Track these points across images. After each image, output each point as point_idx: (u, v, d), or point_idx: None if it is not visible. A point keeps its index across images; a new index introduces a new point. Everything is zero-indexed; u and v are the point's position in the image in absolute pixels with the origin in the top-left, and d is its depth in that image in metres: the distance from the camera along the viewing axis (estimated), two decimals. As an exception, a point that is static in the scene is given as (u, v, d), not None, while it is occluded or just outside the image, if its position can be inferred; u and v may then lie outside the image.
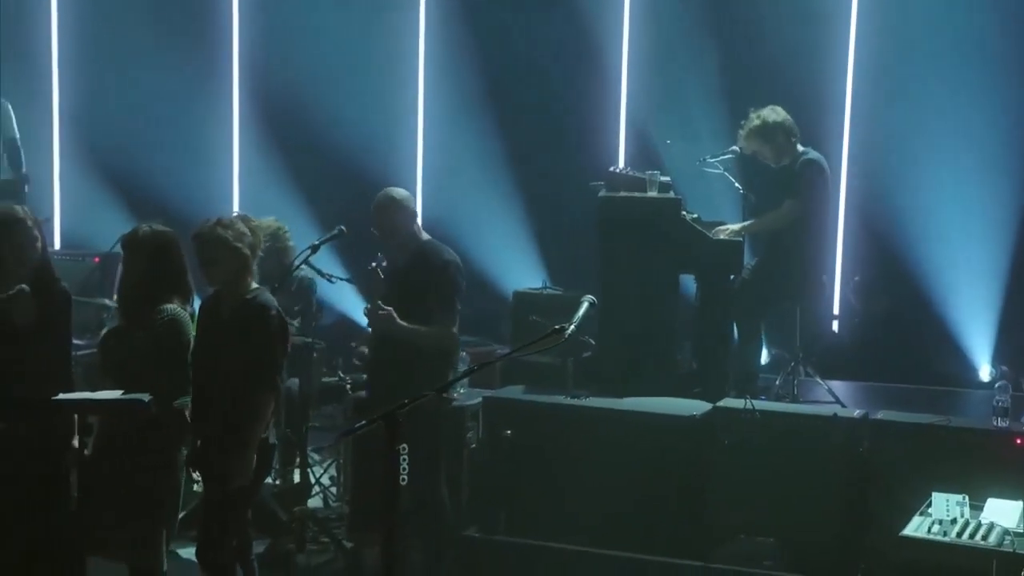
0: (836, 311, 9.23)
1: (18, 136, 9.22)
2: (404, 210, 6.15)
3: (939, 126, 8.41)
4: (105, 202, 10.01)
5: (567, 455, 6.34)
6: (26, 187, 9.09)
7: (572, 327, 4.30)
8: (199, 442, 5.10)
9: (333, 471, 7.55)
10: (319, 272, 7.18)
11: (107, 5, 10.39)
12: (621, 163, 9.11)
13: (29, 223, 5.10)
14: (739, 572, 5.97)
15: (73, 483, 5.16)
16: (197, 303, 5.33)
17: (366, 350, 6.26)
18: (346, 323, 9.27)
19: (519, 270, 9.29)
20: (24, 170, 9.23)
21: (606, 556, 6.13)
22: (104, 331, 5.41)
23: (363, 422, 4.21)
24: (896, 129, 8.64)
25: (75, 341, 6.02)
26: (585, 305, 4.35)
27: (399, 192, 6.23)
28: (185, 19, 10.27)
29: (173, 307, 5.10)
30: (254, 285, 5.18)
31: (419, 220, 6.32)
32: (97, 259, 8.91)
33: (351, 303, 9.28)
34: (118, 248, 8.20)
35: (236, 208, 10.35)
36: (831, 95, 8.89)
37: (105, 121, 10.29)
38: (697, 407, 6.33)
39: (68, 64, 10.56)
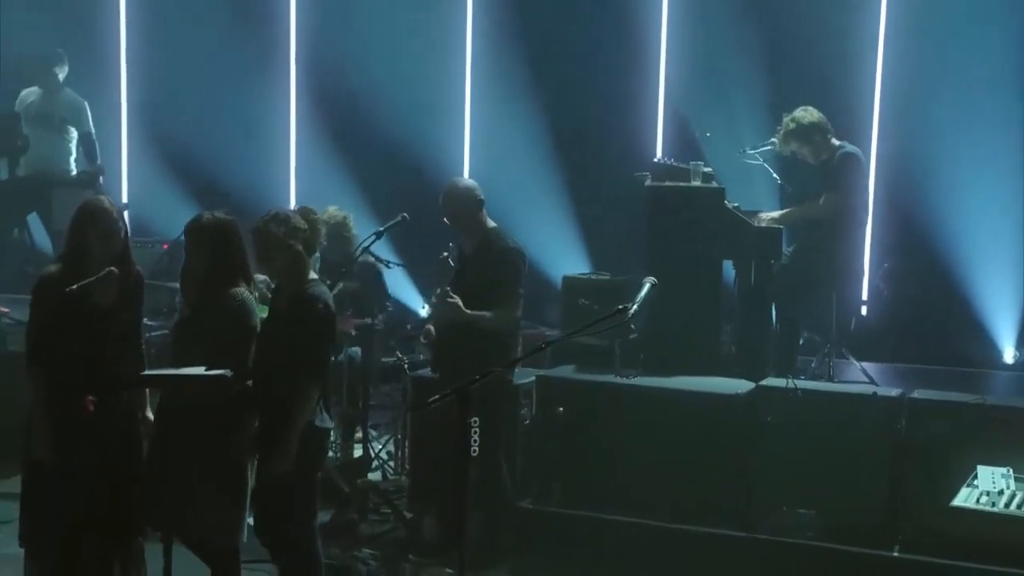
0: (864, 296, 9.18)
1: (93, 131, 9.26)
2: (471, 199, 6.20)
3: (968, 114, 8.32)
4: (171, 190, 10.06)
5: (616, 431, 6.34)
6: (100, 178, 9.11)
7: (634, 307, 4.31)
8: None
9: (390, 446, 7.54)
10: (376, 258, 7.20)
11: (171, 1, 10.40)
12: (659, 150, 9.14)
13: (114, 213, 5.13)
14: (782, 542, 5.96)
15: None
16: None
17: (433, 330, 6.27)
18: (399, 307, 9.28)
19: (562, 255, 9.26)
20: (99, 162, 9.26)
21: (654, 527, 6.16)
22: (176, 318, 5.43)
23: (436, 397, 4.23)
24: (925, 117, 8.54)
25: (147, 322, 6.05)
26: (647, 286, 4.35)
27: (467, 182, 6.32)
28: (245, 13, 10.28)
29: (242, 291, 5.10)
30: (312, 277, 5.13)
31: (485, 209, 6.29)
32: (165, 246, 8.95)
33: (403, 288, 9.32)
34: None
35: (293, 196, 10.36)
36: (861, 82, 8.80)
37: (170, 113, 10.36)
38: (741, 386, 6.32)
39: (135, 59, 10.65)
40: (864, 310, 9.21)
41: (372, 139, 9.90)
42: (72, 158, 9.19)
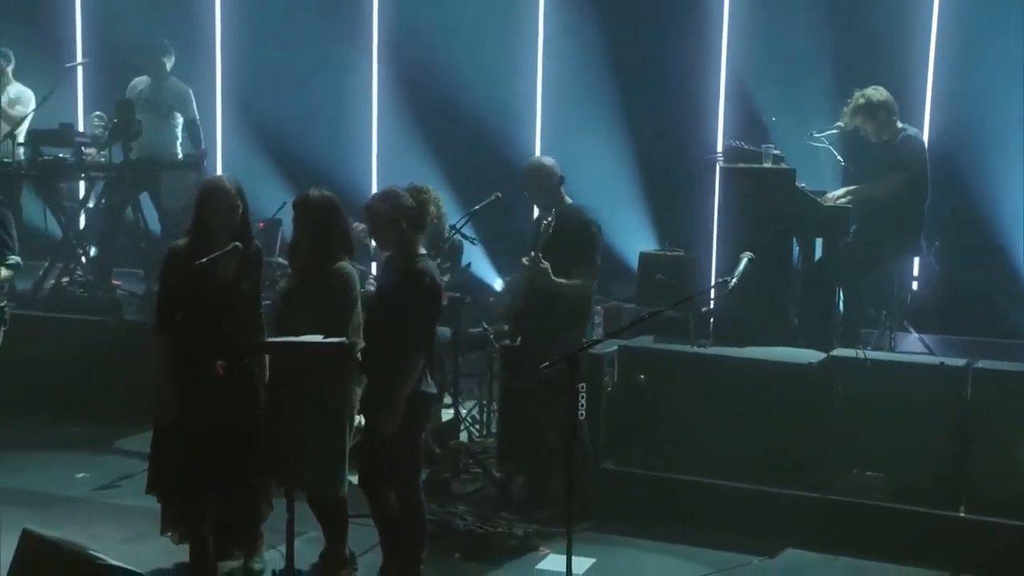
0: (916, 272, 9.08)
1: (198, 117, 9.33)
2: (552, 175, 6.22)
3: (1019, 91, 8.15)
4: (263, 172, 10.07)
5: (693, 397, 6.37)
6: (204, 161, 9.18)
7: (735, 280, 4.28)
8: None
9: (475, 411, 7.57)
10: (463, 235, 7.20)
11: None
12: (720, 130, 9.08)
13: (233, 191, 5.17)
14: (853, 502, 5.94)
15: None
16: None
17: (509, 299, 6.29)
18: (475, 280, 9.26)
19: (629, 231, 9.19)
20: (203, 146, 9.32)
21: (730, 487, 6.17)
22: (281, 288, 5.46)
23: (548, 363, 4.24)
24: (976, 96, 8.42)
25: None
26: (745, 260, 4.33)
27: (548, 160, 6.35)
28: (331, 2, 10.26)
29: (347, 264, 5.16)
30: (421, 251, 5.14)
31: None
32: (261, 224, 8.99)
33: (479, 263, 9.29)
34: (279, 214, 8.42)
35: (375, 176, 10.36)
36: (914, 63, 8.66)
37: (261, 98, 10.34)
38: (812, 356, 6.32)
39: (229, 48, 10.64)
40: (915, 285, 9.13)
41: (449, 120, 9.84)
42: (178, 142, 9.28)
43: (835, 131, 7.11)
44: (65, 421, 7.68)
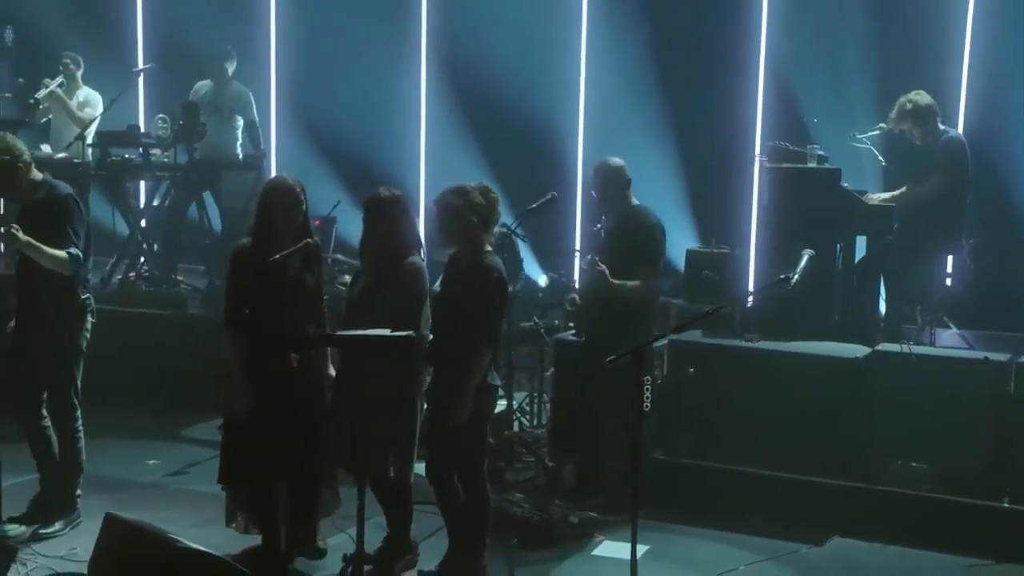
0: (949, 268, 9.00)
1: (257, 119, 9.37)
2: (620, 177, 6.23)
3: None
4: (317, 171, 10.06)
5: (741, 390, 6.36)
6: (264, 162, 9.21)
7: (796, 276, 4.25)
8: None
9: (526, 403, 7.59)
10: (515, 233, 7.18)
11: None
12: (759, 127, 9.02)
13: (296, 190, 5.19)
14: (898, 492, 5.92)
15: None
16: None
17: (577, 298, 6.28)
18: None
19: (670, 227, 9.09)
20: (262, 147, 9.35)
21: (776, 476, 6.16)
22: (353, 283, 5.46)
23: (613, 356, 4.24)
24: (1009, 97, 8.32)
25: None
26: (806, 257, 4.30)
27: (616, 161, 6.33)
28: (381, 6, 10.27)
29: (417, 259, 5.16)
30: (487, 248, 5.14)
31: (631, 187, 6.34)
32: (317, 222, 8.99)
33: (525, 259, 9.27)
34: (333, 212, 8.45)
35: (423, 174, 10.35)
36: (949, 65, 8.53)
37: (314, 100, 10.33)
38: (858, 350, 6.30)
39: (283, 51, 10.64)
40: (948, 281, 9.05)
41: (494, 119, 9.80)
42: (238, 144, 9.33)
43: (877, 132, 7.07)
44: (133, 411, 7.73)
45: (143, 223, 9.02)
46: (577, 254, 9.22)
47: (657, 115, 9.33)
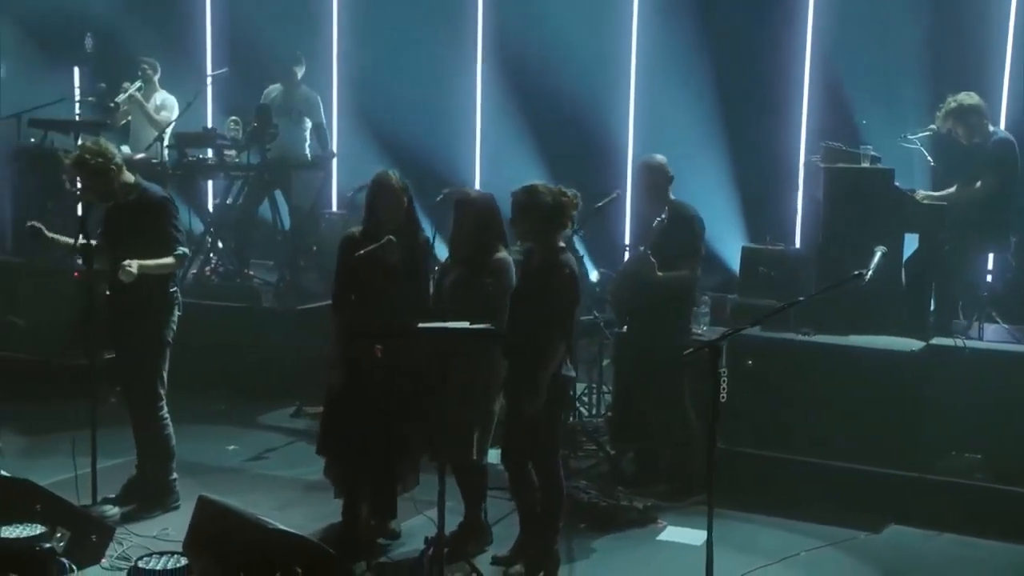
0: (990, 265, 8.91)
1: (324, 121, 9.43)
2: (663, 174, 6.28)
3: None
4: (377, 165, 10.03)
5: (798, 381, 6.34)
6: (333, 162, 9.26)
7: (870, 272, 4.23)
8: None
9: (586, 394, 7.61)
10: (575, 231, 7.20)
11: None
12: (803, 126, 8.99)
13: (397, 187, 5.24)
14: (953, 482, 5.90)
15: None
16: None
17: (616, 289, 6.30)
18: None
19: (718, 224, 9.03)
20: (330, 148, 9.41)
21: (834, 466, 6.15)
22: (442, 277, 5.49)
23: (690, 350, 4.24)
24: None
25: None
26: (879, 254, 4.28)
27: (658, 158, 6.40)
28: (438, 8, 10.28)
29: (505, 255, 5.21)
30: (560, 244, 5.16)
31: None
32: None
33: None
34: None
35: (478, 172, 10.34)
36: (991, 66, 8.44)
37: (375, 101, 10.29)
38: (913, 344, 6.26)
39: (345, 54, 10.70)
40: (989, 278, 8.96)
41: (547, 117, 9.76)
42: (307, 145, 9.40)
43: (928, 133, 7.02)
44: (210, 399, 7.83)
45: (213, 220, 9.13)
46: (627, 250, 9.25)
47: (704, 113, 9.29)
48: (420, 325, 5.09)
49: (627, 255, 9.30)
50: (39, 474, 5.54)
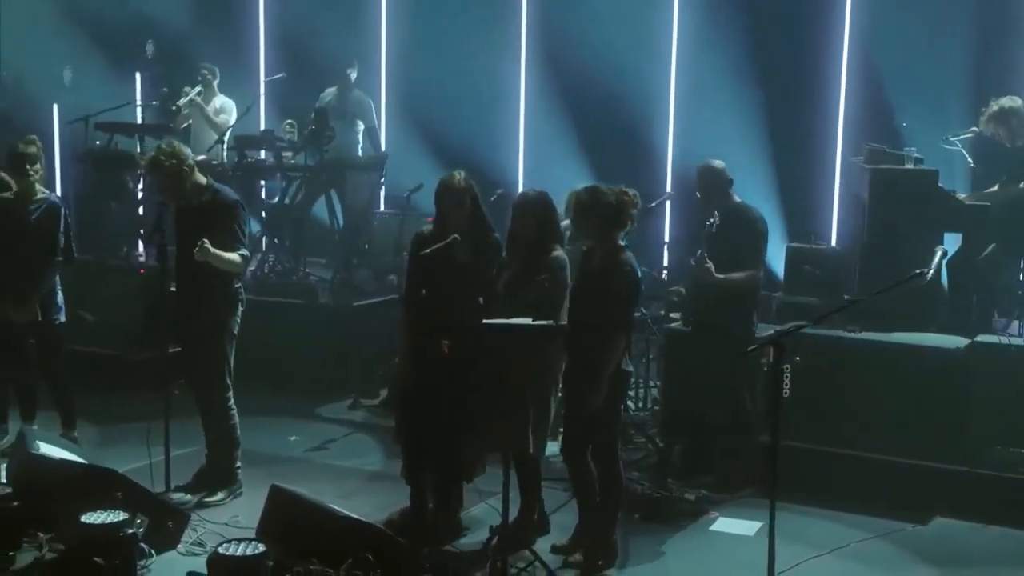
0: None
1: (376, 124, 9.45)
2: (723, 178, 6.27)
3: None
4: (425, 168, 10.03)
5: (846, 377, 6.32)
6: (385, 163, 9.27)
7: (931, 271, 4.21)
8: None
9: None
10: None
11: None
12: (840, 127, 8.92)
13: (461, 188, 5.24)
14: (999, 476, 5.87)
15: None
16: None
17: (683, 290, 6.27)
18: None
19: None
20: (383, 149, 9.43)
21: (881, 460, 6.11)
22: (499, 274, 5.49)
23: (753, 346, 4.23)
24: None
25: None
26: (939, 253, 4.25)
27: (718, 163, 6.38)
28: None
29: (561, 253, 5.20)
30: (620, 243, 5.16)
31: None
32: (431, 219, 9.03)
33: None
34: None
35: (521, 170, 10.30)
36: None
37: (422, 98, 10.24)
38: (958, 341, 6.21)
39: (393, 56, 10.70)
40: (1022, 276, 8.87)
41: (587, 117, 9.67)
42: (359, 147, 9.44)
43: (970, 135, 6.96)
44: (270, 391, 7.86)
45: (270, 219, 9.18)
46: (665, 247, 9.21)
47: (741, 112, 9.19)
48: (485, 321, 5.12)
49: (666, 253, 9.30)
50: (113, 463, 5.63)
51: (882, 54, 8.79)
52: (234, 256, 5.64)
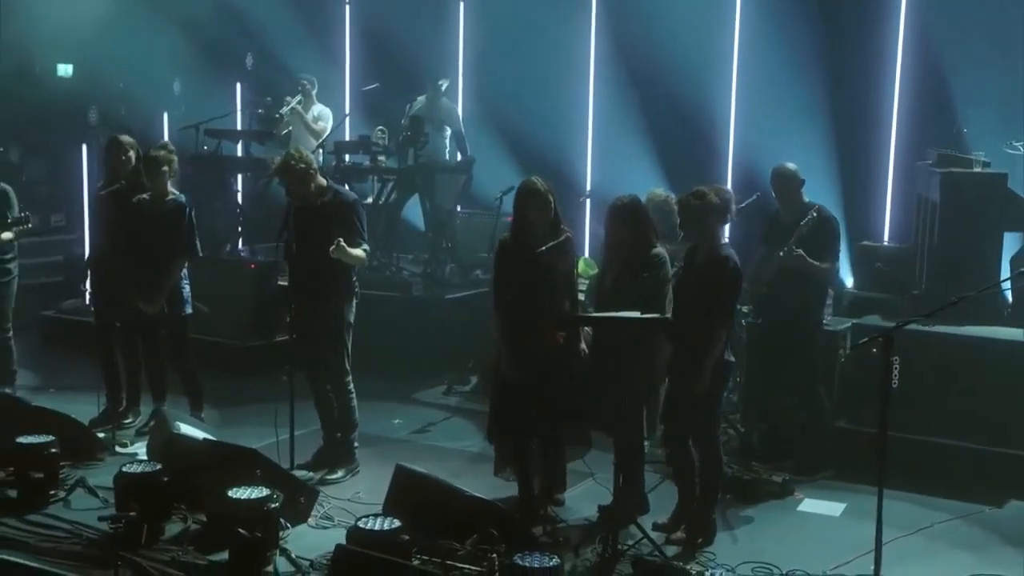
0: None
1: (463, 129, 9.44)
2: (796, 179, 6.25)
3: None
4: (503, 170, 9.94)
5: (918, 367, 6.22)
6: (473, 166, 9.26)
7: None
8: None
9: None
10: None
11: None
12: (893, 129, 8.79)
13: (543, 191, 5.23)
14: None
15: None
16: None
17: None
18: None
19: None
20: (469, 154, 9.41)
21: (950, 446, 6.07)
22: (602, 275, 5.48)
23: (865, 339, 4.17)
24: None
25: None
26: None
27: (791, 166, 6.36)
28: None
29: (661, 250, 5.17)
30: (723, 241, 5.13)
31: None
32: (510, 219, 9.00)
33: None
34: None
35: (589, 173, 10.22)
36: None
37: (497, 105, 10.12)
38: (1020, 335, 6.09)
39: (470, 64, 10.68)
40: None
41: (654, 119, 9.57)
42: (447, 151, 9.45)
43: (1032, 142, 6.87)
44: (371, 377, 7.85)
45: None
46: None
47: (798, 113, 9.02)
48: (598, 314, 5.12)
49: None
50: (239, 441, 5.70)
51: (940, 58, 8.61)
52: (359, 252, 5.70)
